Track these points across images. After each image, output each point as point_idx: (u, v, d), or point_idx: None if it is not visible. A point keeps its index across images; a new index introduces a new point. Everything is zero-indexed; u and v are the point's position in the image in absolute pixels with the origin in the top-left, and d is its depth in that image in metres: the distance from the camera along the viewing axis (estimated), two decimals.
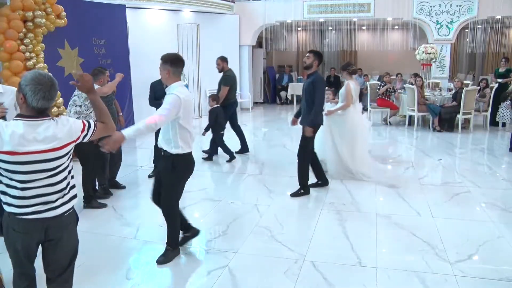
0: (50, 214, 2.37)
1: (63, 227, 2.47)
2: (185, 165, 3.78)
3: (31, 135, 2.24)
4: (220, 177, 6.69)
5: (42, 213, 2.35)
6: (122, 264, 3.85)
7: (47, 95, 2.27)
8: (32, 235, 2.40)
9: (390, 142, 9.43)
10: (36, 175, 2.29)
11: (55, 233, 2.44)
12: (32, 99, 2.25)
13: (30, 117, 2.28)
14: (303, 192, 5.56)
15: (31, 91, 2.25)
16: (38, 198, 2.33)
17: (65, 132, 2.35)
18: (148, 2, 10.81)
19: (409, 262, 3.79)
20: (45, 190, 2.34)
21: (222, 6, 12.86)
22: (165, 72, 3.61)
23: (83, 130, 2.47)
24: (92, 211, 5.12)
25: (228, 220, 4.80)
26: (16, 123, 2.26)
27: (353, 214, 4.98)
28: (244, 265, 3.80)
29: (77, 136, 2.44)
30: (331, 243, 4.23)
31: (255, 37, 14.02)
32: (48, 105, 2.32)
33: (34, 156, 2.25)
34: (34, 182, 2.30)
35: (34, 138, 2.25)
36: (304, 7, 13.10)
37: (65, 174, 2.43)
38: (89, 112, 5.10)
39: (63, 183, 2.43)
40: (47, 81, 2.29)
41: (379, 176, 6.27)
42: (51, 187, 2.36)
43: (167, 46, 10.59)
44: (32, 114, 2.29)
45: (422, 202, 5.29)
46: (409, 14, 12.16)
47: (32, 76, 2.28)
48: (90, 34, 8.53)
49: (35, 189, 2.31)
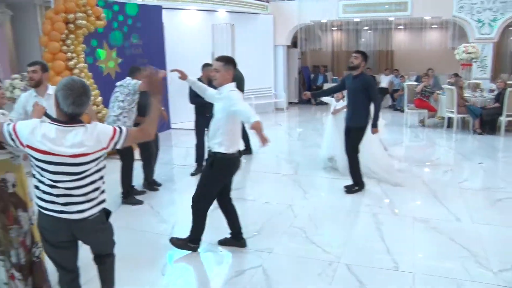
0: (75, 216, 2.40)
1: (88, 230, 2.50)
2: (224, 166, 3.74)
3: (60, 140, 2.28)
4: (255, 177, 6.69)
5: (68, 214, 2.39)
6: (158, 260, 3.91)
7: (77, 100, 2.29)
8: (58, 234, 2.46)
9: (428, 144, 9.21)
10: (63, 177, 2.33)
11: (81, 236, 2.51)
12: (63, 104, 2.30)
13: (62, 123, 2.33)
14: (358, 188, 5.61)
15: (62, 97, 2.29)
16: (64, 197, 2.36)
17: (93, 139, 2.35)
18: (183, 2, 10.93)
19: (448, 268, 3.69)
20: (71, 192, 2.37)
21: (257, 6, 12.87)
22: (227, 73, 3.67)
23: (112, 137, 2.43)
24: (129, 207, 5.22)
25: (262, 220, 4.79)
26: (50, 126, 2.31)
27: (389, 217, 4.88)
28: (278, 266, 3.79)
29: (107, 144, 2.41)
30: (367, 246, 4.17)
31: (289, 37, 13.96)
32: (78, 110, 2.33)
33: (61, 158, 2.28)
34: (61, 183, 2.34)
35: (62, 143, 2.28)
36: (339, 7, 12.95)
37: (92, 178, 2.43)
38: (131, 107, 5.20)
39: (90, 187, 2.42)
40: (79, 87, 2.31)
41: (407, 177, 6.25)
42: (77, 189, 2.38)
43: (202, 46, 10.75)
44: (64, 120, 2.34)
45: (462, 207, 5.13)
46: (449, 13, 11.81)
47: (65, 82, 2.33)
48: (128, 35, 8.70)
49: (61, 189, 2.35)
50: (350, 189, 5.63)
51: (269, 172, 6.95)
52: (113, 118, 5.11)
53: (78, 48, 7.28)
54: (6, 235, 2.94)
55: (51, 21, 6.99)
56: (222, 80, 3.69)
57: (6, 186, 2.95)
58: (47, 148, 2.26)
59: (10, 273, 3.00)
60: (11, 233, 2.97)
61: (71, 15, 7.03)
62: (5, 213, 2.93)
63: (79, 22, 7.14)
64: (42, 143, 2.26)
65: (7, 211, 2.94)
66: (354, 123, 5.46)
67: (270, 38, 13.50)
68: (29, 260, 3.07)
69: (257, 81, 13.18)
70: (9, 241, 2.96)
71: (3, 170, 2.92)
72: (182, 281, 3.62)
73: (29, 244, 3.06)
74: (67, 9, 7.01)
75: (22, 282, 3.03)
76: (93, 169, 2.41)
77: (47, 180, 2.34)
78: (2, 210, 2.92)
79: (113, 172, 5.14)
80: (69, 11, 7.03)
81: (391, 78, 14.51)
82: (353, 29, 15.83)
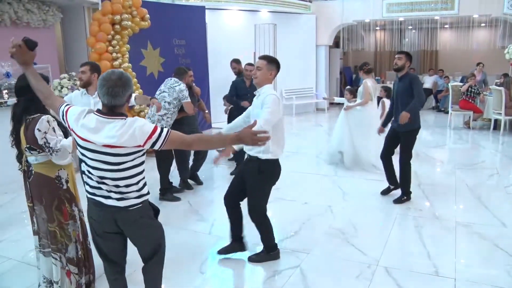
0: (115, 203, 2.44)
1: (130, 221, 2.52)
2: (273, 171, 3.66)
3: (98, 130, 2.33)
4: (294, 177, 6.68)
5: (107, 200, 2.44)
6: (196, 258, 3.97)
7: (110, 91, 2.32)
8: (103, 225, 2.53)
9: (473, 147, 8.93)
10: (100, 165, 2.38)
11: (124, 226, 2.53)
12: (100, 94, 2.37)
13: (102, 114, 2.38)
14: (406, 198, 5.34)
15: (99, 87, 2.37)
16: (103, 185, 2.42)
17: (128, 134, 2.32)
18: (226, 3, 11.06)
19: (492, 276, 3.57)
20: (109, 182, 2.42)
21: (299, 6, 12.84)
22: (269, 73, 3.58)
23: (150, 136, 2.34)
24: (168, 204, 5.34)
25: (301, 221, 4.79)
26: (92, 116, 2.38)
27: (430, 221, 4.78)
28: (316, 267, 3.78)
29: (143, 141, 2.34)
30: (407, 250, 4.10)
31: (332, 37, 13.86)
32: (113, 102, 2.35)
33: (97, 146, 2.33)
34: (99, 171, 2.40)
35: (99, 133, 2.33)
36: (383, 6, 12.73)
37: (131, 172, 2.44)
38: (175, 110, 5.33)
39: (128, 180, 2.44)
40: (115, 78, 2.34)
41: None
42: (114, 180, 2.42)
43: (244, 47, 10.83)
44: (104, 111, 2.39)
45: (508, 212, 4.96)
46: (499, 10, 11.38)
47: (104, 73, 2.40)
48: (171, 35, 8.89)
49: (99, 177, 2.42)
50: (399, 200, 5.33)
51: (309, 172, 6.93)
52: (158, 117, 5.24)
53: (123, 48, 7.51)
54: (63, 231, 3.08)
55: (98, 23, 7.25)
56: (262, 80, 3.58)
57: (61, 182, 3.08)
58: (84, 136, 2.35)
59: (66, 269, 3.11)
60: (69, 228, 3.10)
61: (117, 16, 7.26)
62: (60, 210, 3.06)
63: (125, 23, 7.36)
64: (81, 131, 2.36)
65: (62, 207, 3.07)
66: (405, 126, 5.02)
67: (312, 38, 13.46)
68: (84, 252, 3.24)
69: (299, 81, 13.20)
70: (68, 236, 3.10)
71: (56, 168, 3.06)
72: (219, 280, 3.66)
73: (82, 237, 3.23)
74: (114, 10, 7.24)
75: (76, 276, 3.15)
76: (130, 163, 2.41)
77: (87, 167, 2.43)
78: (57, 207, 3.04)
79: (152, 169, 5.28)
80: (116, 13, 7.26)
81: (435, 78, 14.16)
82: (397, 28, 15.53)
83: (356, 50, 16.52)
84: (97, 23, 7.26)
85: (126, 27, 7.42)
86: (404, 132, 5.16)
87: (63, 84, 6.66)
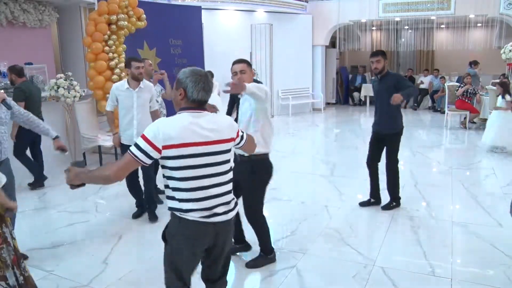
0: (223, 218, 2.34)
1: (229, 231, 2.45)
2: (265, 168, 3.64)
3: (195, 126, 2.22)
4: (291, 177, 6.69)
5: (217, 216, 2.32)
6: None
7: (206, 86, 2.26)
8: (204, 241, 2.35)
9: (469, 147, 8.96)
10: (204, 170, 2.26)
11: (223, 238, 2.41)
12: (193, 90, 2.24)
13: (192, 109, 2.27)
14: (395, 204, 5.19)
15: (192, 82, 2.24)
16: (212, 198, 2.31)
17: (226, 125, 2.34)
18: (222, 3, 11.05)
19: (488, 276, 3.57)
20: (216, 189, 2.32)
21: (296, 6, 12.85)
22: (252, 73, 3.68)
23: (238, 132, 2.44)
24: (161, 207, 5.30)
25: (298, 221, 4.80)
26: (181, 116, 2.26)
27: (427, 221, 4.79)
28: (312, 267, 3.78)
29: (236, 134, 2.41)
30: (403, 250, 4.10)
31: (328, 37, 13.87)
32: (206, 97, 2.29)
33: (200, 148, 2.22)
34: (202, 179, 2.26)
35: (199, 129, 2.22)
36: (380, 6, 12.76)
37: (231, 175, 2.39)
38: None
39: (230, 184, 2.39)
40: (205, 73, 2.30)
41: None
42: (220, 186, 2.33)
43: (240, 46, 10.83)
44: (193, 106, 2.28)
45: (504, 212, 4.94)
46: (495, 10, 11.42)
47: (191, 69, 2.30)
48: (167, 35, 8.87)
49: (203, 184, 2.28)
50: (387, 206, 5.17)
51: (305, 172, 6.94)
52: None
53: (119, 48, 7.49)
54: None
55: (94, 23, 7.23)
56: (249, 81, 3.56)
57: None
58: (186, 139, 2.19)
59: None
60: (3, 253, 2.72)
61: (114, 16, 7.24)
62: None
63: (121, 23, 7.34)
64: (180, 137, 2.19)
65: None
66: (388, 128, 4.95)
67: (308, 38, 13.47)
68: (25, 277, 2.84)
69: (295, 81, 13.20)
70: (3, 262, 2.71)
71: None
72: None
73: (18, 261, 2.80)
74: (110, 10, 7.23)
75: None
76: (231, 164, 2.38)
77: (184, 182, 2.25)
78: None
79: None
80: (112, 13, 7.24)
81: (430, 78, 14.20)
82: (393, 28, 15.54)
83: (352, 50, 16.53)
84: (93, 23, 7.24)
85: (122, 27, 7.40)
86: (388, 135, 5.00)
87: (60, 84, 6.64)
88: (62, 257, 4.02)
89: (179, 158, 2.18)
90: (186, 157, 2.18)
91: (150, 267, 3.69)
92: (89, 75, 7.34)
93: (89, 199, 5.62)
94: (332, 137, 10.19)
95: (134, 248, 4.21)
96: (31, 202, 5.56)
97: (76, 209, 5.31)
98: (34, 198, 5.73)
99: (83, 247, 4.25)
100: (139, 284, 3.53)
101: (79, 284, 3.50)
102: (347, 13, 13.10)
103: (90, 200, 5.61)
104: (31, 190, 5.99)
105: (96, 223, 4.89)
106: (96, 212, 5.23)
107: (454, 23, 15.12)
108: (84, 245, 4.30)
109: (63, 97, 6.68)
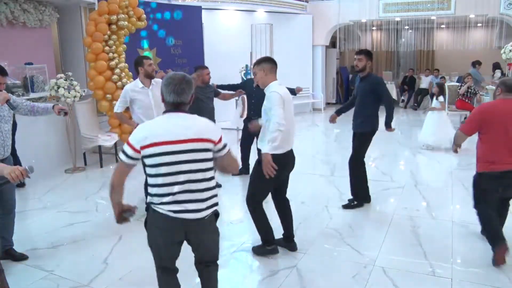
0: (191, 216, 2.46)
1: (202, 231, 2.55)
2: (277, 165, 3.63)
3: (170, 125, 2.40)
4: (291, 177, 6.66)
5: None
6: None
7: (176, 88, 2.41)
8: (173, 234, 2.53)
9: (469, 147, 8.92)
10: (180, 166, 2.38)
11: (194, 237, 2.57)
12: (165, 93, 2.44)
13: (169, 111, 2.47)
14: (357, 203, 5.20)
15: (165, 86, 2.44)
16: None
17: (203, 125, 2.48)
18: (222, 3, 11.05)
19: (490, 276, 3.57)
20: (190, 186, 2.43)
21: (296, 6, 12.85)
22: (263, 73, 3.72)
23: (221, 138, 2.50)
24: None
25: (298, 221, 4.77)
26: (159, 117, 2.50)
27: (427, 221, 4.79)
28: (312, 267, 3.78)
29: (218, 138, 2.48)
30: (403, 250, 4.10)
31: (328, 37, 13.87)
32: (179, 99, 2.43)
33: (175, 146, 2.36)
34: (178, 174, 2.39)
35: (173, 128, 2.39)
36: (380, 6, 12.76)
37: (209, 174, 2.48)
38: None
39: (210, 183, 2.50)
40: (179, 77, 2.45)
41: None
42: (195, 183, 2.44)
43: (240, 46, 10.83)
44: (170, 108, 2.47)
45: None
46: (495, 10, 11.41)
47: (170, 74, 2.49)
48: (168, 35, 8.87)
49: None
50: (348, 205, 5.20)
51: (305, 172, 6.93)
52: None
53: (120, 48, 7.49)
54: None
55: (94, 23, 7.23)
56: (261, 81, 3.77)
57: None
58: (160, 139, 2.36)
59: None
60: None
61: (114, 16, 7.24)
62: None
63: (121, 23, 7.34)
64: (154, 136, 2.37)
65: None
66: (359, 127, 5.05)
67: (308, 38, 13.46)
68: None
69: (295, 81, 13.12)
70: None
71: None
72: None
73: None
74: (110, 10, 7.23)
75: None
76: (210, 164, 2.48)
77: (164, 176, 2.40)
78: None
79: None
80: (112, 13, 7.24)
81: (430, 78, 14.20)
82: (393, 28, 15.54)
83: (352, 50, 16.50)
84: (93, 23, 7.24)
85: (123, 27, 7.40)
86: (357, 134, 5.11)
87: (60, 84, 6.64)
88: (62, 257, 4.03)
89: (154, 156, 2.35)
90: (161, 155, 2.34)
91: (150, 267, 3.68)
92: (89, 75, 7.34)
93: (89, 199, 5.63)
94: (332, 137, 10.19)
95: (134, 248, 4.21)
96: (31, 202, 5.56)
97: (76, 209, 5.32)
98: (34, 198, 5.73)
99: (83, 247, 4.26)
100: (139, 284, 3.53)
101: (79, 284, 3.51)
102: (347, 13, 13.10)
103: (90, 200, 5.62)
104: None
105: (96, 223, 4.89)
106: (96, 212, 5.23)
107: (454, 23, 15.11)
108: (84, 245, 4.31)
109: (63, 97, 6.68)
